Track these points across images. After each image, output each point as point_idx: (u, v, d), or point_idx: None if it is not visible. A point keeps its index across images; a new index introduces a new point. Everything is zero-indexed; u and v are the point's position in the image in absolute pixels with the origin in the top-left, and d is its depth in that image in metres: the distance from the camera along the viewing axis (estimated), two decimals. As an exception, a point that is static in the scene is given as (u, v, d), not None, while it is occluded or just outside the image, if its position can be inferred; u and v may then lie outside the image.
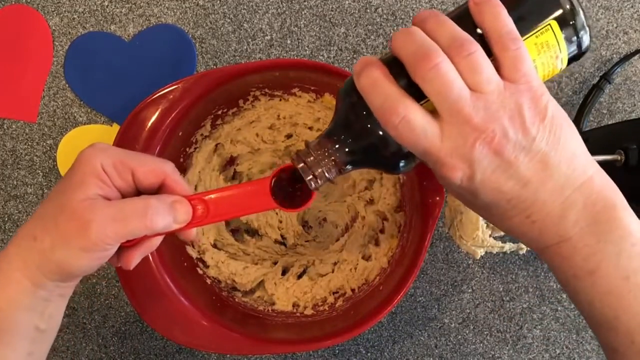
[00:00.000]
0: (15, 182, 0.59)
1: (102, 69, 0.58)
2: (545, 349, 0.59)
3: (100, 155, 0.33)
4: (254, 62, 0.48)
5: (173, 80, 0.46)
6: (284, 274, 0.56)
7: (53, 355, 0.59)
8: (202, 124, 0.51)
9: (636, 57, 0.58)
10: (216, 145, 0.54)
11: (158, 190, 0.36)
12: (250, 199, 0.36)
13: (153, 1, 0.58)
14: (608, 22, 0.58)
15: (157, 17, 0.58)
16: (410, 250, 0.48)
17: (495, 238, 0.49)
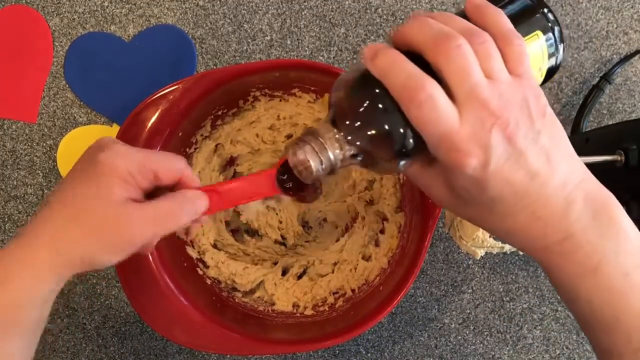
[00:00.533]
0: (15, 183, 0.59)
1: (102, 70, 0.58)
2: (545, 350, 0.59)
3: (124, 160, 0.34)
4: (254, 63, 0.48)
5: (173, 80, 0.46)
6: (284, 274, 0.56)
7: (53, 355, 0.59)
8: (202, 125, 0.51)
9: (636, 58, 0.58)
10: (216, 145, 0.54)
11: (174, 187, 0.37)
12: (257, 187, 0.39)
13: (153, 2, 0.58)
14: (608, 23, 0.58)
15: (157, 18, 0.58)
16: (410, 250, 0.48)
17: (495, 238, 0.49)
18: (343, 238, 0.57)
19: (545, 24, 0.33)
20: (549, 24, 0.33)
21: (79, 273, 0.35)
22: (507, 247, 0.50)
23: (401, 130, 0.30)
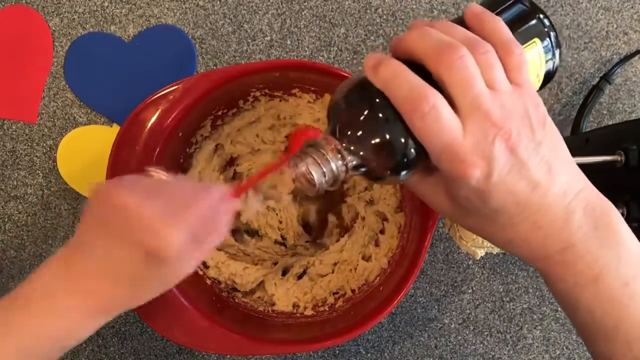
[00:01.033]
0: (15, 183, 0.59)
1: (102, 70, 0.58)
2: (545, 350, 0.59)
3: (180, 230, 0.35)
4: (254, 63, 0.48)
5: (173, 80, 0.46)
6: (284, 275, 0.56)
7: (53, 355, 0.59)
8: (202, 125, 0.51)
9: (636, 58, 0.58)
10: (216, 145, 0.54)
11: None
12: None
13: (153, 2, 0.58)
14: (608, 23, 0.58)
15: (157, 18, 0.58)
16: (410, 250, 0.48)
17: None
18: (343, 238, 0.57)
19: (541, 30, 0.33)
20: (546, 30, 0.33)
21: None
22: (507, 247, 0.50)
23: (403, 140, 0.30)
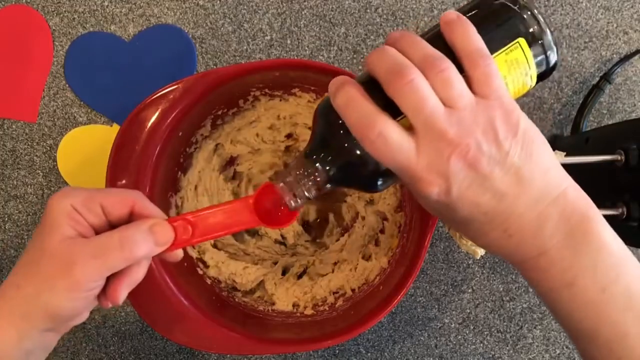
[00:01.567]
0: (15, 182, 0.59)
1: (102, 69, 0.58)
2: (545, 349, 0.59)
3: (68, 196, 0.33)
4: (254, 62, 0.48)
5: (173, 80, 0.46)
6: (284, 274, 0.56)
7: (53, 355, 0.59)
8: (202, 124, 0.51)
9: (636, 57, 0.58)
10: (216, 145, 0.54)
11: (129, 219, 0.35)
12: (235, 217, 0.36)
13: (153, 1, 0.58)
14: (608, 22, 0.58)
15: (157, 17, 0.58)
16: (410, 250, 0.48)
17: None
18: (343, 238, 0.57)
19: (529, 28, 0.32)
20: (535, 27, 0.32)
21: (52, 327, 0.34)
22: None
23: (367, 159, 0.31)
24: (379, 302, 0.47)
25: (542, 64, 0.33)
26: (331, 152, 0.33)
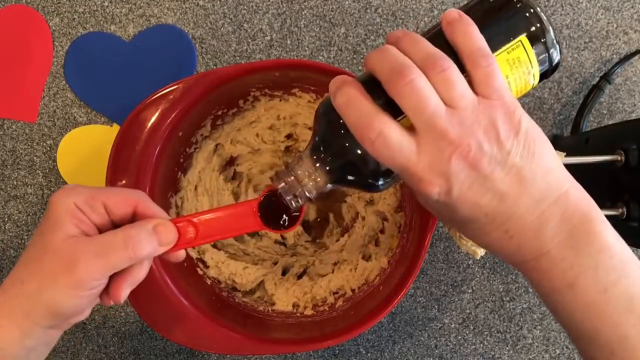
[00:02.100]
0: (15, 182, 0.59)
1: (102, 69, 0.58)
2: (545, 349, 0.59)
3: (71, 194, 0.33)
4: (254, 63, 0.48)
5: (173, 80, 0.46)
6: (284, 274, 0.56)
7: (53, 355, 0.59)
8: (202, 124, 0.51)
9: (636, 58, 0.58)
10: (216, 145, 0.54)
11: (132, 219, 0.35)
12: (238, 220, 0.36)
13: (153, 1, 0.58)
14: (608, 23, 0.58)
15: (157, 18, 0.58)
16: (410, 250, 0.48)
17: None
18: (343, 238, 0.57)
19: (531, 27, 0.32)
20: (537, 25, 0.32)
21: (54, 325, 0.33)
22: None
23: (367, 159, 0.32)
24: (379, 303, 0.47)
25: (545, 62, 0.33)
26: (332, 152, 0.33)
